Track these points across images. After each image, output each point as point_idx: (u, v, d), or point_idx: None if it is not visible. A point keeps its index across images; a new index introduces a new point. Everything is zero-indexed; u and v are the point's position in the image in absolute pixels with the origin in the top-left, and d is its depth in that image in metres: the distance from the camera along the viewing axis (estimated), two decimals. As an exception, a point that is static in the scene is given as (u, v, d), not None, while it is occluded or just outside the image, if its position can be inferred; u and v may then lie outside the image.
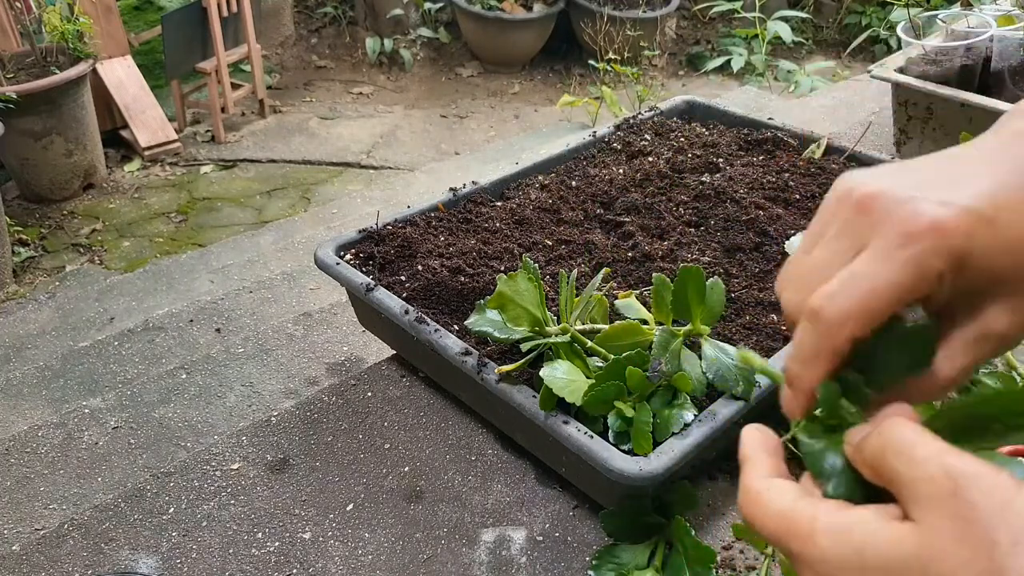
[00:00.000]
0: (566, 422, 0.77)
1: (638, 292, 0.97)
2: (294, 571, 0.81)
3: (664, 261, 1.04)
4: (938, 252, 0.34)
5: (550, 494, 0.88)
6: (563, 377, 0.77)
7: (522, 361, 0.82)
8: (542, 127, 3.89)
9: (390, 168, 3.67)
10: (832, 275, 0.36)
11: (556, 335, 0.83)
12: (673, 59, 4.74)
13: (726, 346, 0.82)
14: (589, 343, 0.82)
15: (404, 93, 4.44)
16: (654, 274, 0.84)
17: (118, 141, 3.64)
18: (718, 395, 0.81)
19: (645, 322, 0.85)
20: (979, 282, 0.36)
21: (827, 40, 4.81)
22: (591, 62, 3.80)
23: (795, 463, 0.38)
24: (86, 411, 1.24)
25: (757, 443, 0.38)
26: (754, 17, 3.23)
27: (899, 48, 1.53)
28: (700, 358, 0.82)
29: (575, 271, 0.93)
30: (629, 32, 3.93)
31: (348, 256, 1.07)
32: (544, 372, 0.78)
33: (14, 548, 0.87)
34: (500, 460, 0.93)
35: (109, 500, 0.92)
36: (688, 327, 0.83)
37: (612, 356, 0.79)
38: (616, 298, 0.93)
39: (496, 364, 0.84)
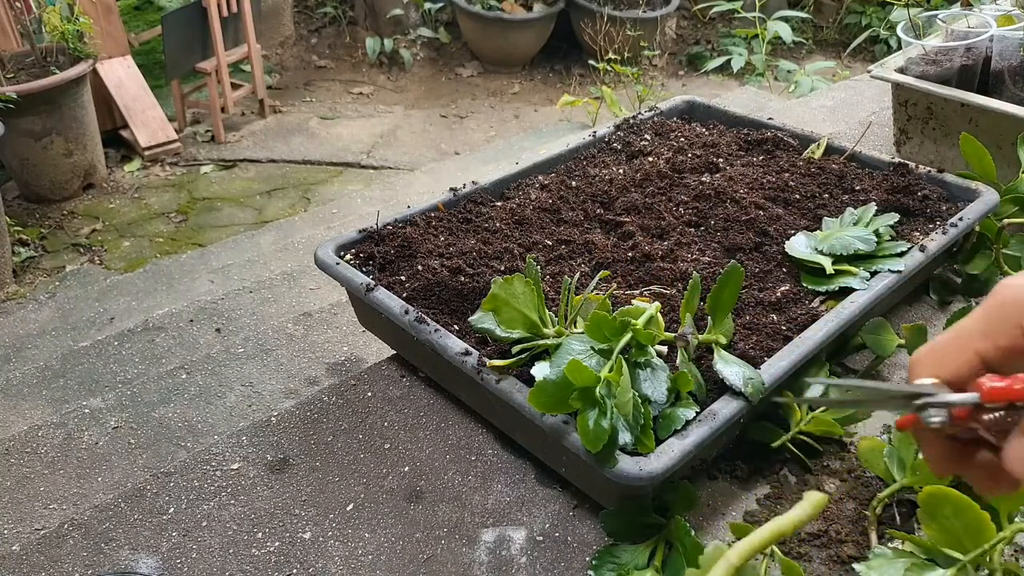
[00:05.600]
0: (566, 422, 0.77)
1: (639, 292, 0.97)
2: (294, 571, 0.81)
3: (664, 261, 1.04)
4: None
5: (550, 494, 0.88)
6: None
7: (513, 360, 0.83)
8: (542, 127, 3.89)
9: (390, 168, 3.67)
10: None
11: (552, 337, 0.83)
12: (673, 59, 4.74)
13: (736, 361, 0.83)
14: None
15: (404, 93, 4.44)
16: (694, 274, 0.85)
17: (118, 141, 3.64)
18: (719, 395, 0.81)
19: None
20: None
21: (827, 40, 4.81)
22: (591, 62, 3.80)
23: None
24: (86, 411, 1.24)
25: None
26: (754, 17, 3.23)
27: (899, 48, 1.53)
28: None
29: (577, 274, 0.94)
30: (629, 32, 3.93)
31: (348, 256, 1.07)
32: (536, 371, 0.78)
33: (14, 548, 0.87)
34: (500, 460, 0.93)
35: (109, 500, 0.92)
36: (707, 334, 0.84)
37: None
38: (617, 299, 0.92)
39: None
